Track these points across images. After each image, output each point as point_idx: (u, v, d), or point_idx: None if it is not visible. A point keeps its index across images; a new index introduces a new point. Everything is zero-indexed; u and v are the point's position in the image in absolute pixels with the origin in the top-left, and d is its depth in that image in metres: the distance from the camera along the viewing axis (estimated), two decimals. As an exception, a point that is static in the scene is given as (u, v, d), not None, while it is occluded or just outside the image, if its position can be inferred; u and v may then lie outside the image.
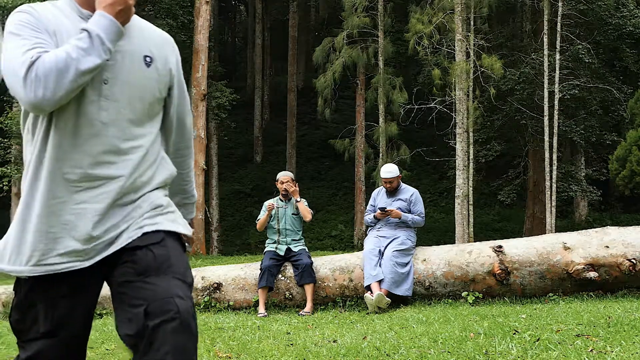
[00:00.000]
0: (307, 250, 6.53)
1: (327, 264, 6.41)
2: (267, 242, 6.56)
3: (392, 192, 6.48)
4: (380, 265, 6.01)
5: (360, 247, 15.04)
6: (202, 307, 6.40)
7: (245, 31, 36.23)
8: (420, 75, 20.00)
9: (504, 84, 17.20)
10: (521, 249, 5.87)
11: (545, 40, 15.44)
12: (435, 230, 19.31)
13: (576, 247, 5.69)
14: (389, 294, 5.84)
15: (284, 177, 6.60)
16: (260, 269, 6.30)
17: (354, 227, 19.87)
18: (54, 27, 1.68)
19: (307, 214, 6.42)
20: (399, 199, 6.42)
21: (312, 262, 6.29)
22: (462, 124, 14.10)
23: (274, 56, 31.44)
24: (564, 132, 16.89)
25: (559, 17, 15.64)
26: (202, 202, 16.51)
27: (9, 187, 17.44)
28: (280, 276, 6.38)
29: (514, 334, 3.97)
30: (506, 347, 3.63)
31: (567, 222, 19.12)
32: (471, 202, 14.48)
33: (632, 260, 5.49)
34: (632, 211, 19.80)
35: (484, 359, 3.46)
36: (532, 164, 18.62)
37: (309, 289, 6.18)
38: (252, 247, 20.44)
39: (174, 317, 1.56)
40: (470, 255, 6.00)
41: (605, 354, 3.32)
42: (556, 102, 15.49)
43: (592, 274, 5.53)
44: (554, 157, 15.42)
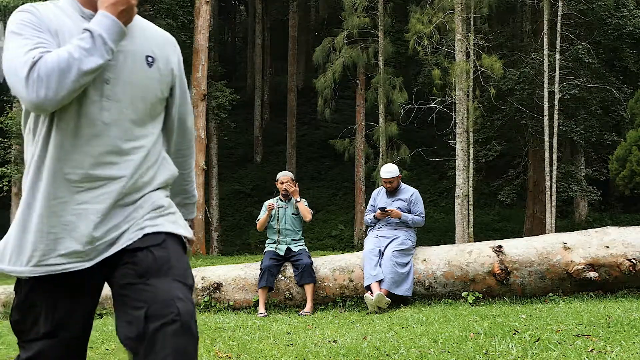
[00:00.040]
0: (307, 250, 6.53)
1: (327, 264, 6.41)
2: (267, 242, 6.56)
3: (392, 192, 6.48)
4: (380, 265, 6.01)
5: (360, 247, 15.04)
6: (202, 307, 6.40)
7: (245, 31, 36.23)
8: (420, 75, 20.00)
9: (504, 84, 17.20)
10: (521, 249, 5.87)
11: (545, 40, 15.44)
12: (435, 230, 19.31)
13: (576, 247, 5.69)
14: (389, 294, 5.84)
15: (284, 177, 6.60)
16: (260, 269, 6.30)
17: (354, 227, 19.87)
18: (55, 26, 1.67)
19: (307, 214, 6.42)
20: (399, 199, 6.42)
21: (312, 262, 6.29)
22: (462, 124, 14.11)
23: (274, 56, 31.44)
24: (564, 132, 16.90)
25: (559, 17, 15.64)
26: (202, 202, 16.51)
27: (9, 187, 17.44)
28: (280, 276, 6.38)
29: (514, 334, 3.97)
30: (506, 347, 3.63)
31: (567, 222, 19.12)
32: (471, 202, 14.48)
33: (632, 260, 5.49)
34: (632, 211, 19.80)
35: (484, 359, 3.46)
36: (532, 164, 18.62)
37: (309, 289, 6.18)
38: (252, 247, 20.44)
39: (175, 319, 1.56)
40: (470, 255, 6.00)
41: (605, 354, 3.32)
42: (556, 102, 15.49)
43: (592, 274, 5.53)
44: (554, 157, 15.42)
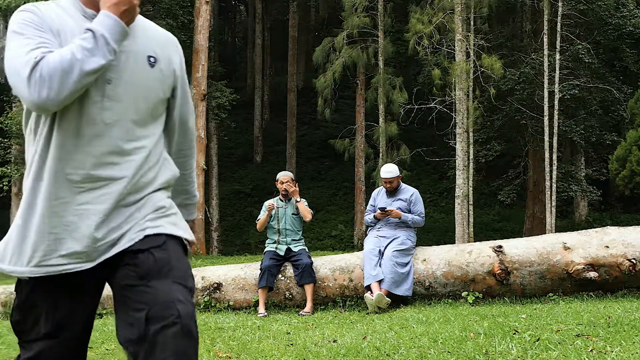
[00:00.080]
0: (307, 250, 6.53)
1: (327, 264, 6.41)
2: (267, 242, 6.56)
3: (392, 192, 6.48)
4: (380, 265, 6.01)
5: (360, 247, 15.03)
6: (202, 307, 6.40)
7: (245, 31, 36.22)
8: (420, 75, 19.99)
9: (504, 84, 17.20)
10: (521, 249, 5.87)
11: (545, 40, 15.44)
12: (435, 230, 19.31)
13: (576, 247, 5.69)
14: (389, 294, 5.84)
15: (283, 177, 6.60)
16: (260, 269, 6.30)
17: (354, 227, 19.87)
18: (57, 26, 1.67)
19: (307, 214, 6.42)
20: (399, 199, 6.42)
21: (312, 262, 6.29)
22: (462, 124, 14.10)
23: (274, 56, 31.44)
24: (564, 132, 16.89)
25: (559, 17, 15.64)
26: (202, 202, 16.51)
27: (9, 187, 17.45)
28: (280, 276, 6.38)
29: (514, 334, 3.97)
30: (506, 347, 3.63)
31: (567, 222, 19.12)
32: (471, 202, 14.48)
33: (632, 260, 5.49)
34: (632, 211, 19.80)
35: (484, 359, 3.46)
36: (532, 164, 18.62)
37: (309, 289, 6.18)
38: (252, 247, 20.44)
39: (175, 322, 1.56)
40: (470, 255, 6.00)
41: (605, 354, 3.32)
42: (556, 102, 15.49)
43: (592, 274, 5.53)
44: (554, 157, 15.42)
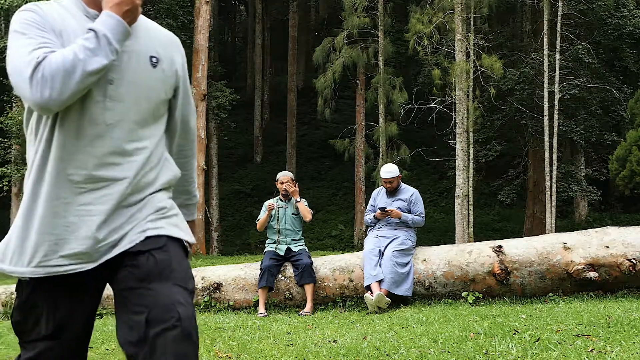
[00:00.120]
0: (307, 250, 6.53)
1: (327, 264, 6.41)
2: (267, 242, 6.56)
3: (392, 192, 6.48)
4: (380, 265, 6.01)
5: (360, 247, 15.04)
6: (202, 307, 6.40)
7: (245, 31, 36.23)
8: (420, 75, 20.00)
9: (504, 84, 17.20)
10: (521, 249, 5.87)
11: (545, 40, 15.44)
12: (435, 230, 19.31)
13: (576, 247, 5.69)
14: (389, 294, 5.84)
15: (283, 177, 6.60)
16: (260, 269, 6.30)
17: (354, 227, 19.87)
18: (60, 26, 1.66)
19: (307, 214, 6.42)
20: (399, 199, 6.42)
21: (312, 262, 6.29)
22: (462, 124, 14.10)
23: (274, 56, 31.44)
24: (564, 132, 16.90)
25: (559, 17, 15.64)
26: (202, 202, 16.51)
27: (9, 187, 17.45)
28: (280, 276, 6.38)
29: (514, 334, 3.97)
30: (506, 347, 3.63)
31: (567, 222, 19.12)
32: (471, 202, 14.48)
33: (632, 260, 5.49)
34: (632, 211, 19.80)
35: (484, 359, 3.46)
36: (532, 164, 18.62)
37: (309, 289, 6.18)
38: (252, 247, 20.44)
39: (175, 325, 1.56)
40: (470, 255, 6.00)
41: (605, 354, 3.32)
42: (556, 102, 15.49)
43: (592, 274, 5.53)
44: (554, 157, 15.42)
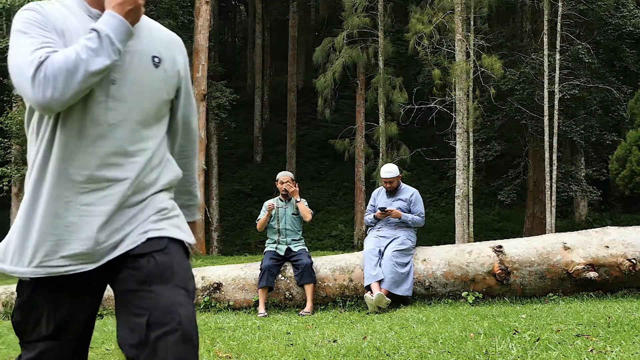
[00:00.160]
0: (307, 250, 6.53)
1: (327, 264, 6.41)
2: (267, 242, 6.56)
3: (392, 192, 6.48)
4: (380, 265, 6.01)
5: (360, 247, 15.04)
6: (202, 307, 6.40)
7: (245, 31, 36.23)
8: (420, 75, 19.99)
9: (504, 84, 17.20)
10: (521, 249, 5.87)
11: (545, 40, 15.44)
12: (435, 230, 19.31)
13: (576, 247, 5.69)
14: (389, 294, 5.84)
15: (283, 177, 6.60)
16: (260, 269, 6.30)
17: (354, 227, 19.87)
18: (62, 26, 1.65)
19: (307, 214, 6.42)
20: (399, 199, 6.42)
21: (312, 262, 6.29)
22: (462, 124, 14.10)
23: (274, 56, 31.44)
24: (564, 132, 16.90)
25: (559, 17, 15.64)
26: (202, 202, 16.52)
27: (9, 187, 17.45)
28: (280, 276, 6.38)
29: (514, 334, 3.97)
30: (506, 347, 3.63)
31: (567, 222, 19.12)
32: (471, 202, 14.48)
33: (632, 260, 5.49)
34: (632, 211, 19.80)
35: (484, 359, 3.46)
36: (532, 164, 18.62)
37: (309, 289, 6.18)
38: (252, 247, 20.44)
39: (176, 328, 1.56)
40: (470, 255, 6.00)
41: (605, 354, 3.32)
42: (556, 102, 15.49)
43: (592, 274, 5.53)
44: (554, 157, 15.42)
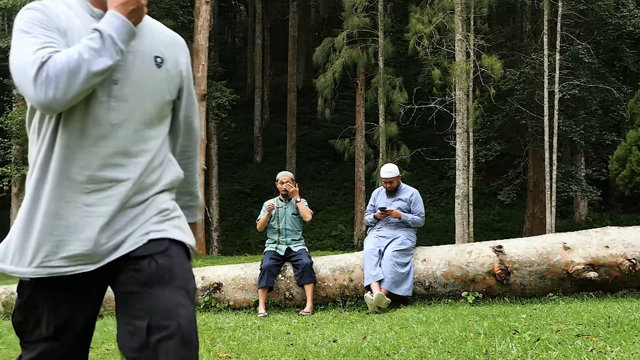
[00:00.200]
0: (307, 250, 6.53)
1: (327, 264, 6.41)
2: (267, 242, 6.56)
3: (392, 192, 6.48)
4: (380, 265, 6.01)
5: (360, 247, 15.03)
6: (202, 307, 6.40)
7: (245, 31, 36.23)
8: (420, 75, 19.99)
9: (504, 84, 17.20)
10: (521, 249, 5.87)
11: (545, 40, 15.44)
12: (435, 230, 19.31)
13: (576, 247, 5.69)
14: (389, 294, 5.84)
15: (283, 177, 6.60)
16: (260, 269, 6.30)
17: (354, 227, 19.87)
18: (64, 25, 1.64)
19: (307, 214, 6.42)
20: (399, 199, 6.42)
21: (312, 262, 6.29)
22: (462, 124, 14.10)
23: (274, 56, 31.44)
24: (564, 132, 16.90)
25: (559, 17, 15.64)
26: (202, 202, 16.50)
27: (9, 187, 17.45)
28: (280, 276, 6.38)
29: (514, 334, 3.97)
30: (506, 347, 3.63)
31: (567, 222, 19.12)
32: (471, 202, 14.48)
33: (632, 260, 5.49)
34: (632, 211, 19.80)
35: (484, 359, 3.46)
36: (532, 164, 18.62)
37: (309, 289, 6.18)
38: (252, 247, 20.44)
39: (176, 332, 1.56)
40: (470, 255, 6.00)
41: (605, 354, 3.32)
42: (556, 102, 15.50)
43: (592, 274, 5.53)
44: (554, 157, 15.42)
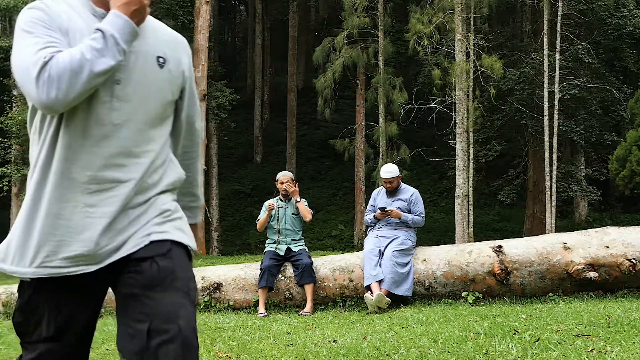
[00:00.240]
0: (307, 250, 6.53)
1: (327, 264, 6.41)
2: (267, 242, 6.56)
3: (392, 192, 6.48)
4: (380, 265, 6.01)
5: (360, 247, 15.04)
6: (202, 307, 6.40)
7: (245, 31, 36.23)
8: (420, 75, 19.99)
9: (504, 84, 17.20)
10: (521, 249, 5.87)
11: (545, 40, 15.44)
12: (435, 230, 19.31)
13: (576, 247, 5.69)
14: (389, 294, 5.84)
15: (283, 177, 6.60)
16: (260, 269, 6.30)
17: (354, 227, 19.87)
18: (66, 25, 1.63)
19: (307, 214, 6.42)
20: (399, 199, 6.42)
21: (312, 262, 6.29)
22: (462, 124, 14.10)
23: (274, 56, 31.44)
24: (564, 132, 16.90)
25: (559, 17, 15.64)
26: (203, 203, 16.51)
27: (9, 187, 17.45)
28: (280, 276, 6.38)
29: (514, 334, 3.97)
30: (506, 347, 3.63)
31: (567, 222, 19.12)
32: (471, 202, 14.48)
33: (632, 260, 5.49)
34: (632, 211, 19.80)
35: (484, 359, 3.46)
36: (532, 164, 18.62)
37: (309, 289, 6.18)
38: (252, 247, 20.44)
39: (177, 335, 1.56)
40: (470, 255, 6.00)
41: (605, 354, 3.32)
42: (556, 102, 15.50)
43: (592, 274, 5.53)
44: (554, 157, 15.42)
